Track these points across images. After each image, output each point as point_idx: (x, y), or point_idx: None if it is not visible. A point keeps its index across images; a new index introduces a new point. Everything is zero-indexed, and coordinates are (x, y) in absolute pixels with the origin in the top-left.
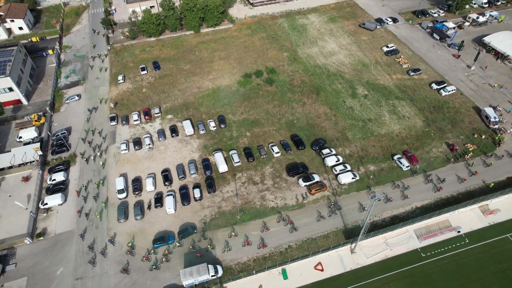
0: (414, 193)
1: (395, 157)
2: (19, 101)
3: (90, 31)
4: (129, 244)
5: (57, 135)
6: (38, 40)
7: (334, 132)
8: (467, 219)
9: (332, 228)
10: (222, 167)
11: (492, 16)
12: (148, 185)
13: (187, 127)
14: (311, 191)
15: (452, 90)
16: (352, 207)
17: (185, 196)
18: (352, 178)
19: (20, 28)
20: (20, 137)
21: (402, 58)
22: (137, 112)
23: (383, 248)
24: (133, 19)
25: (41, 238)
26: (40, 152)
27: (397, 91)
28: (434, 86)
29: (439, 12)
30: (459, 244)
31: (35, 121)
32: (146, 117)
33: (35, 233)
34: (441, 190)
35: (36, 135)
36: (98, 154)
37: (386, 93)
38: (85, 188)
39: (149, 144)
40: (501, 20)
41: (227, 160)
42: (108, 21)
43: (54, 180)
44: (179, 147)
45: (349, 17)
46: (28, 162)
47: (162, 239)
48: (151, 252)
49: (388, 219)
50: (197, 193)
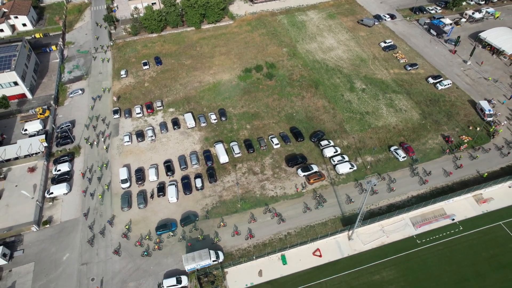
0: (405, 184)
1: (392, 148)
2: (24, 95)
3: (93, 25)
4: (126, 226)
5: (62, 128)
6: (42, 36)
7: (332, 125)
8: (462, 207)
9: (330, 216)
10: (223, 158)
11: (488, 13)
12: (151, 175)
13: (188, 120)
14: (310, 180)
15: (448, 84)
16: (350, 196)
17: (187, 185)
18: (350, 168)
19: (24, 25)
20: (25, 130)
21: (399, 54)
22: (139, 106)
23: (379, 235)
24: (135, 16)
25: (47, 225)
26: (45, 144)
27: (395, 85)
28: (431, 80)
29: (436, 9)
30: (453, 231)
31: (40, 114)
32: (149, 110)
33: (42, 220)
34: (426, 182)
35: (41, 127)
36: (102, 140)
37: (384, 87)
38: (89, 170)
39: (152, 136)
40: (497, 17)
41: (228, 151)
42: (111, 18)
43: (59, 170)
44: (181, 139)
45: (348, 14)
46: (33, 154)
47: (164, 226)
48: (145, 238)
49: (385, 207)
50: (198, 182)
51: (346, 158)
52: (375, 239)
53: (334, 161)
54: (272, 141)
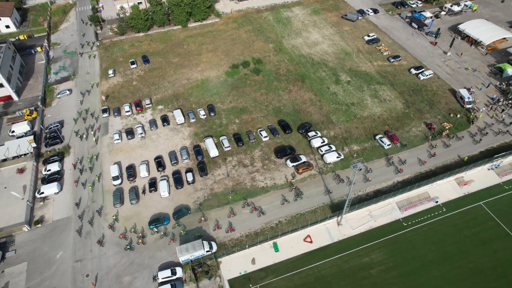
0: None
1: (377, 137)
2: (9, 97)
3: (79, 23)
4: (114, 217)
5: (50, 128)
6: (26, 38)
7: (319, 116)
8: (444, 190)
9: (319, 203)
10: (213, 152)
11: (467, 6)
12: (142, 171)
13: (178, 116)
14: (299, 170)
15: (430, 75)
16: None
17: (178, 180)
18: (337, 157)
19: (7, 27)
20: (13, 131)
21: (382, 46)
22: (128, 104)
23: (367, 220)
24: (121, 15)
25: (39, 225)
26: (34, 145)
27: (378, 77)
28: (413, 71)
29: (417, 3)
30: (437, 213)
31: (27, 115)
32: (138, 108)
33: (33, 220)
34: (401, 171)
35: (29, 128)
36: (92, 133)
37: (368, 78)
38: (80, 161)
39: (141, 133)
40: (475, 10)
41: (218, 145)
42: (96, 18)
43: (49, 170)
44: (171, 135)
45: (332, 9)
46: (22, 155)
47: (157, 220)
48: (130, 230)
49: (372, 193)
50: (189, 177)
51: (333, 148)
52: (363, 223)
53: (321, 151)
54: (260, 134)
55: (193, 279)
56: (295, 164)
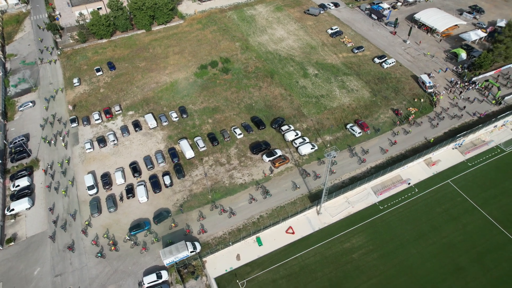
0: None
1: (348, 126)
2: None
3: (35, 29)
4: (86, 222)
5: (15, 142)
6: None
7: (290, 110)
8: (415, 171)
9: (298, 195)
10: (189, 153)
11: None
12: (118, 179)
13: (149, 120)
14: (275, 164)
15: (393, 63)
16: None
17: (155, 184)
18: (311, 149)
19: None
20: None
21: (346, 38)
22: (97, 112)
23: (345, 207)
24: (81, 22)
25: (12, 243)
26: None
27: (344, 68)
28: (377, 61)
29: None
30: (410, 194)
31: None
32: (107, 116)
33: (5, 239)
34: (364, 161)
35: None
36: (60, 138)
37: (335, 70)
38: (50, 166)
39: (114, 141)
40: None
41: (193, 146)
42: (54, 26)
43: (18, 186)
44: (144, 140)
45: (294, 5)
46: None
47: (138, 226)
48: (103, 236)
49: (347, 180)
50: (167, 180)
51: (307, 140)
52: (341, 210)
53: (296, 144)
54: (235, 132)
55: (180, 281)
56: (271, 158)
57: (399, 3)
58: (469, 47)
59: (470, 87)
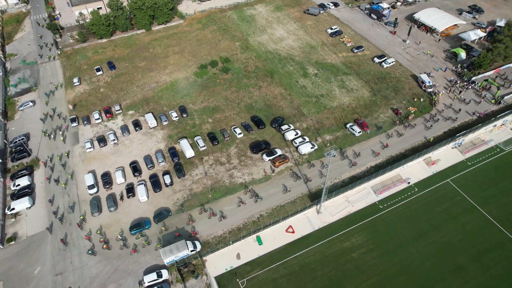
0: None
1: (348, 125)
2: None
3: (34, 26)
4: (81, 217)
5: (16, 142)
6: None
7: (290, 110)
8: (415, 171)
9: (298, 194)
10: (189, 153)
11: None
12: (118, 178)
13: (150, 120)
14: (275, 164)
15: (392, 62)
16: (314, 173)
17: (156, 183)
18: (311, 148)
19: None
20: None
21: (345, 38)
22: (97, 111)
23: (345, 206)
24: (81, 22)
25: (13, 242)
26: None
27: (344, 68)
28: (376, 60)
29: None
30: (410, 193)
31: None
32: (108, 115)
33: (5, 238)
34: (355, 164)
35: None
36: (60, 132)
37: (334, 70)
38: (50, 159)
39: (114, 140)
40: None
41: (193, 146)
42: (54, 26)
43: (19, 185)
44: (144, 139)
45: (294, 5)
46: None
47: (138, 225)
48: (96, 232)
49: (347, 180)
50: (167, 179)
51: (307, 139)
52: (341, 209)
53: (296, 143)
54: (235, 131)
55: (180, 280)
56: (271, 158)
57: (399, 3)
58: (468, 47)
59: (470, 87)
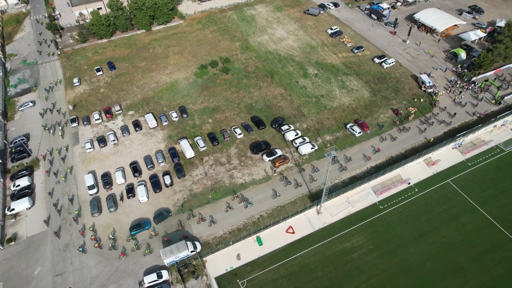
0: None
1: (348, 126)
2: None
3: (33, 24)
4: (76, 212)
5: (16, 142)
6: None
7: (290, 110)
8: (415, 171)
9: (298, 194)
10: (189, 153)
11: None
12: (118, 178)
13: (150, 120)
14: (275, 164)
15: (392, 63)
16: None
17: (156, 183)
18: (311, 148)
19: None
20: None
21: (346, 38)
22: (97, 112)
23: (345, 206)
24: (81, 22)
25: (12, 243)
26: None
27: (344, 68)
28: (376, 60)
29: None
30: (410, 193)
31: None
32: (108, 116)
33: (5, 239)
34: (346, 169)
35: None
36: (59, 127)
37: (334, 70)
38: (50, 153)
39: (114, 140)
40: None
41: (193, 146)
42: (54, 26)
43: (19, 185)
44: (144, 140)
45: (294, 5)
46: None
47: (138, 226)
48: (89, 229)
49: (347, 180)
50: (167, 179)
51: (307, 140)
52: (342, 210)
53: (296, 144)
54: (235, 131)
55: (180, 281)
56: (271, 158)
57: (399, 3)
58: (468, 47)
59: (470, 87)
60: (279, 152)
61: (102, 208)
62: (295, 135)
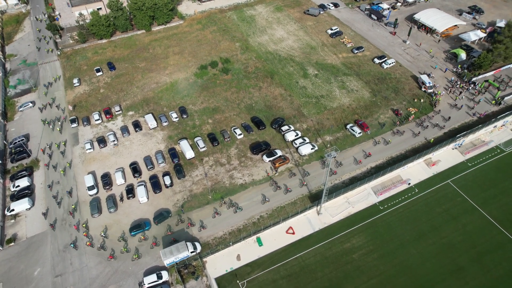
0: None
1: (348, 126)
2: None
3: (33, 20)
4: (73, 206)
5: (15, 143)
6: None
7: (290, 110)
8: (415, 172)
9: (298, 195)
10: (189, 154)
11: None
12: (118, 179)
13: (150, 121)
14: (276, 165)
15: (392, 63)
16: (314, 174)
17: (156, 184)
18: (312, 149)
19: None
20: None
21: (346, 39)
22: (97, 112)
23: (345, 207)
24: (81, 22)
25: (12, 243)
26: None
27: (344, 68)
28: (376, 61)
29: None
30: (410, 194)
31: None
32: (108, 116)
33: (5, 239)
34: (335, 173)
35: None
36: (59, 123)
37: (334, 71)
38: (49, 147)
39: (114, 141)
40: (427, 0)
41: (193, 146)
42: (54, 26)
43: (18, 186)
44: (144, 140)
45: (294, 6)
46: None
47: (138, 226)
48: (82, 225)
49: (347, 181)
50: (167, 180)
51: (307, 140)
52: (342, 210)
53: (296, 144)
54: (235, 132)
55: (180, 281)
56: (271, 159)
57: (399, 4)
58: (468, 48)
59: (470, 87)
60: (279, 153)
61: (102, 208)
62: (295, 136)
